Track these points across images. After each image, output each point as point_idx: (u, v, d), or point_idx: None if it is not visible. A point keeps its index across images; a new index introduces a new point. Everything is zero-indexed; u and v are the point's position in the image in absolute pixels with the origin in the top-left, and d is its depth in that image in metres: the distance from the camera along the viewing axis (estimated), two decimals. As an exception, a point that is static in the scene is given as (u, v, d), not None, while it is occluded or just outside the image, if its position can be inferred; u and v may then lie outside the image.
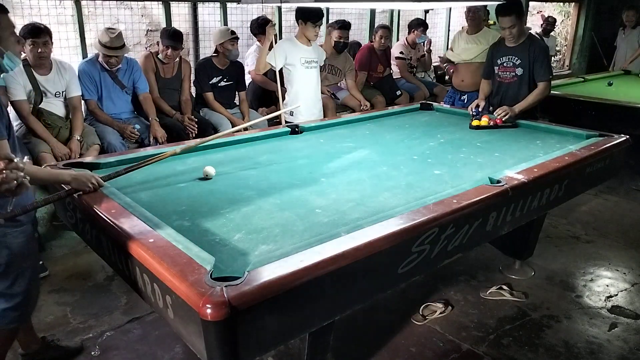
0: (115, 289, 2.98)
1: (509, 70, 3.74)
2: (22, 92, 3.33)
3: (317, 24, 3.93)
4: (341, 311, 1.68)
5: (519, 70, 3.68)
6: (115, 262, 1.84)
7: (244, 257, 1.62)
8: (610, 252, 3.53)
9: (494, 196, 2.11)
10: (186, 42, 4.85)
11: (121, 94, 3.89)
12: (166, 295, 1.47)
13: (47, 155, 3.28)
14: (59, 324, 2.65)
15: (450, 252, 2.00)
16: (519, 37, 3.65)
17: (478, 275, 3.17)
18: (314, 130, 3.32)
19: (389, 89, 5.52)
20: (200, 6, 4.84)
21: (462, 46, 4.47)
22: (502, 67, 3.78)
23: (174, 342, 2.48)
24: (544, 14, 8.23)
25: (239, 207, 2.06)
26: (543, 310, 2.83)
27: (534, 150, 2.92)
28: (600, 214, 4.17)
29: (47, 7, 4.07)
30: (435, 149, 2.94)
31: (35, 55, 3.30)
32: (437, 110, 4.05)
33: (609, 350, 2.51)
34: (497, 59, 3.80)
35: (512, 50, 3.70)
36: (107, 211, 1.86)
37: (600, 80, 5.93)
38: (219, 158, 2.70)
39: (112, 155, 2.84)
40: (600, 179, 3.06)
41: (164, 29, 4.12)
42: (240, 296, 1.32)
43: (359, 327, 2.63)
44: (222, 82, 4.36)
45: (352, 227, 1.78)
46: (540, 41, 3.83)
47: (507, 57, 3.73)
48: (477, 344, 2.54)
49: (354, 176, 2.45)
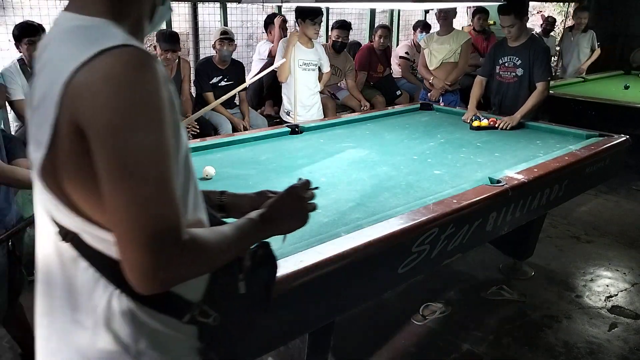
0: (115, 289, 2.97)
1: (510, 70, 3.73)
2: (20, 91, 3.33)
3: (316, 21, 3.93)
4: (341, 311, 1.68)
5: (520, 70, 3.68)
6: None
7: (244, 257, 1.62)
8: (610, 252, 3.53)
9: (494, 196, 2.11)
10: (186, 42, 4.86)
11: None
12: (166, 295, 1.47)
13: (46, 155, 3.28)
14: (58, 324, 2.64)
15: (450, 252, 2.00)
16: (518, 36, 3.64)
17: (478, 275, 3.17)
18: (314, 130, 3.31)
19: (389, 89, 5.52)
20: (200, 6, 4.84)
21: (435, 47, 4.66)
22: (503, 67, 3.78)
23: (174, 342, 2.48)
24: (544, 14, 8.23)
25: (239, 207, 2.05)
26: (543, 310, 2.83)
27: (534, 150, 2.92)
28: (601, 214, 4.17)
29: (47, 7, 4.07)
30: (435, 149, 2.94)
31: (32, 54, 3.30)
32: (437, 110, 4.05)
33: (609, 350, 2.51)
34: (499, 58, 3.80)
35: (513, 50, 3.70)
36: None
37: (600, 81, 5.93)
38: (219, 158, 2.70)
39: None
40: (600, 179, 3.06)
41: (160, 33, 4.08)
42: (240, 296, 1.32)
43: (359, 327, 2.63)
44: (223, 82, 4.35)
45: (352, 227, 1.78)
46: (542, 42, 3.83)
47: (509, 57, 3.73)
48: (477, 344, 2.54)
49: (354, 176, 2.45)
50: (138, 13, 0.87)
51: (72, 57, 0.75)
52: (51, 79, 0.77)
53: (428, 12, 6.75)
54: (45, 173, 0.80)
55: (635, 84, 5.66)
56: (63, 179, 0.79)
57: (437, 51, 4.67)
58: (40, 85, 0.81)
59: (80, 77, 0.74)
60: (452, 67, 4.65)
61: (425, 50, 4.78)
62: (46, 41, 0.85)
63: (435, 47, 4.67)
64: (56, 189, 0.81)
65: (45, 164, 0.79)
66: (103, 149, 0.73)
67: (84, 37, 0.78)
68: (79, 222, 0.82)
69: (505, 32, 3.63)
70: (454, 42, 4.57)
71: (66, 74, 0.74)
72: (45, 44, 0.85)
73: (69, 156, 0.77)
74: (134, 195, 0.74)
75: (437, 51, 4.67)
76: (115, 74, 0.73)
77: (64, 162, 0.78)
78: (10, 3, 3.94)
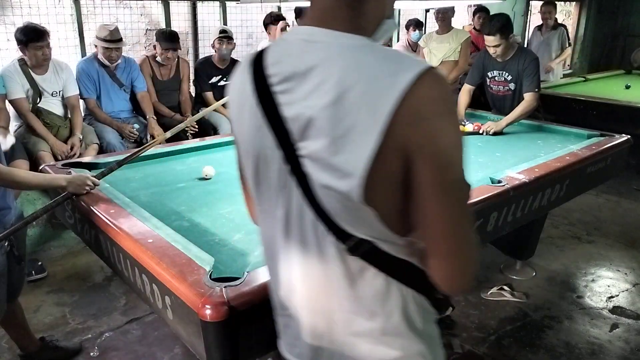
0: (114, 289, 2.97)
1: (502, 84, 3.64)
2: (21, 91, 3.33)
3: None
4: (341, 312, 1.67)
5: (512, 84, 3.58)
6: (114, 263, 1.83)
7: (244, 258, 1.61)
8: (612, 253, 3.52)
9: (495, 196, 2.09)
10: (185, 42, 4.84)
11: (119, 92, 3.88)
12: (165, 295, 1.46)
13: (46, 154, 3.27)
14: (57, 325, 2.64)
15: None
16: (505, 54, 3.52)
17: (479, 276, 3.16)
18: (314, 130, 3.30)
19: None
20: (200, 5, 4.82)
21: (434, 46, 4.65)
22: (493, 81, 3.68)
23: (173, 343, 2.47)
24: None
25: (239, 207, 2.04)
26: (544, 310, 2.82)
27: (535, 150, 2.91)
28: (602, 214, 4.16)
29: (47, 7, 4.05)
30: (435, 149, 2.92)
31: (40, 59, 3.30)
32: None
33: (610, 351, 2.50)
34: (488, 70, 3.67)
35: (502, 64, 3.58)
36: (106, 211, 1.85)
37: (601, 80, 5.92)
38: (219, 158, 2.69)
39: (111, 155, 2.83)
40: (602, 179, 3.05)
41: (159, 32, 4.08)
42: (239, 297, 1.31)
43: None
44: (222, 82, 4.34)
45: (353, 227, 1.76)
46: (531, 53, 3.70)
47: (498, 72, 3.62)
48: (478, 345, 2.53)
49: (354, 176, 2.44)
50: (373, 28, 0.85)
51: (385, 85, 0.74)
52: (365, 106, 0.74)
53: (428, 11, 6.73)
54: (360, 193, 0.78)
55: (636, 83, 5.66)
56: (374, 195, 0.79)
57: (436, 50, 4.67)
58: (336, 110, 0.76)
59: (411, 103, 0.73)
60: (452, 66, 4.65)
61: (425, 49, 4.79)
62: (312, 58, 0.80)
63: (435, 46, 4.68)
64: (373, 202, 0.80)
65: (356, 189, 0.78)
66: (437, 169, 0.76)
67: (383, 60, 0.77)
68: (382, 231, 0.83)
69: (491, 51, 3.51)
70: (453, 40, 4.57)
71: (390, 103, 0.73)
72: (310, 61, 0.80)
73: (385, 176, 0.77)
74: (462, 209, 0.81)
75: (437, 50, 4.67)
76: (443, 97, 0.76)
77: (377, 182, 0.77)
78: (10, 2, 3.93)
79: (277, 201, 0.90)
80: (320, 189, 0.82)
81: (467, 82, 3.81)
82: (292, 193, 0.86)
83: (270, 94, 0.83)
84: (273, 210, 0.92)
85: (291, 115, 0.81)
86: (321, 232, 0.85)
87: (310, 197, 0.83)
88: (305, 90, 0.79)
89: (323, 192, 0.82)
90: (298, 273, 0.92)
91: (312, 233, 0.87)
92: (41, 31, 3.26)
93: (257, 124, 0.86)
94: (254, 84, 0.86)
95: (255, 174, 0.92)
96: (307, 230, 0.87)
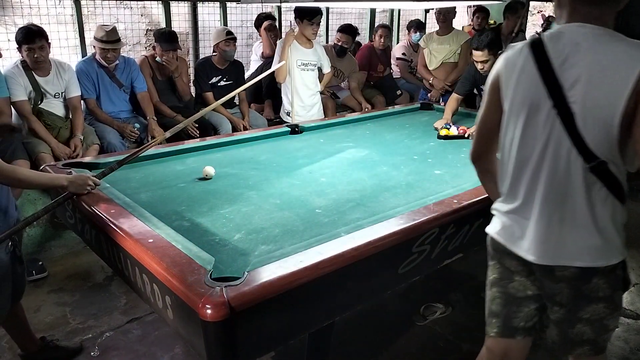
0: (114, 289, 2.97)
1: None
2: (23, 92, 3.32)
3: (314, 21, 3.93)
4: (341, 312, 1.68)
5: None
6: (115, 263, 1.83)
7: (244, 258, 1.62)
8: (611, 252, 3.51)
9: (494, 196, 2.10)
10: (186, 42, 4.86)
11: (119, 92, 3.87)
12: (166, 295, 1.47)
13: (46, 155, 3.27)
14: (58, 324, 2.64)
15: (450, 252, 2.00)
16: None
17: (479, 276, 3.15)
18: (313, 130, 3.31)
19: (389, 88, 5.51)
20: (200, 6, 4.83)
21: (435, 47, 4.65)
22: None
23: (174, 343, 2.47)
24: (545, 13, 8.22)
25: (239, 207, 2.05)
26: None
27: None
28: (601, 214, 4.16)
29: (47, 7, 4.06)
30: (435, 149, 2.93)
31: (32, 60, 3.27)
32: (437, 110, 4.04)
33: (610, 350, 2.50)
34: (480, 84, 3.59)
35: None
36: (106, 211, 1.86)
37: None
38: (219, 158, 2.69)
39: (112, 155, 2.83)
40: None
41: (159, 33, 4.06)
42: (239, 297, 1.32)
43: (359, 327, 2.62)
44: (222, 82, 4.34)
45: (352, 227, 1.77)
46: None
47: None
48: (478, 345, 2.52)
49: (354, 176, 2.45)
50: (612, 22, 1.36)
51: (635, 55, 1.24)
52: (625, 67, 1.23)
53: (428, 11, 6.74)
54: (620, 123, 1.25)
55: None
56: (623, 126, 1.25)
57: (436, 51, 4.68)
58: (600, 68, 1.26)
59: None
60: (452, 68, 4.66)
61: (425, 50, 4.79)
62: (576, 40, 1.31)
63: (435, 47, 4.68)
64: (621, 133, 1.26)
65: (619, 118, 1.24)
66: None
67: (626, 42, 1.28)
68: (616, 155, 1.29)
69: (478, 67, 3.45)
70: (453, 42, 4.58)
71: (638, 67, 1.22)
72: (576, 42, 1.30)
73: (628, 112, 1.23)
74: None
75: (437, 51, 4.68)
76: None
77: (624, 115, 1.23)
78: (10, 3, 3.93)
79: (541, 134, 1.35)
80: (584, 122, 1.27)
81: (456, 92, 3.76)
82: (554, 128, 1.32)
83: (549, 62, 1.31)
84: (532, 142, 1.37)
85: (564, 75, 1.28)
86: (574, 155, 1.31)
87: (570, 130, 1.28)
88: (576, 59, 1.28)
89: (587, 123, 1.26)
90: (544, 181, 1.37)
91: (565, 156, 1.32)
92: (33, 32, 3.21)
93: (535, 82, 1.33)
94: (534, 57, 1.33)
95: (526, 117, 1.37)
96: (561, 154, 1.32)
